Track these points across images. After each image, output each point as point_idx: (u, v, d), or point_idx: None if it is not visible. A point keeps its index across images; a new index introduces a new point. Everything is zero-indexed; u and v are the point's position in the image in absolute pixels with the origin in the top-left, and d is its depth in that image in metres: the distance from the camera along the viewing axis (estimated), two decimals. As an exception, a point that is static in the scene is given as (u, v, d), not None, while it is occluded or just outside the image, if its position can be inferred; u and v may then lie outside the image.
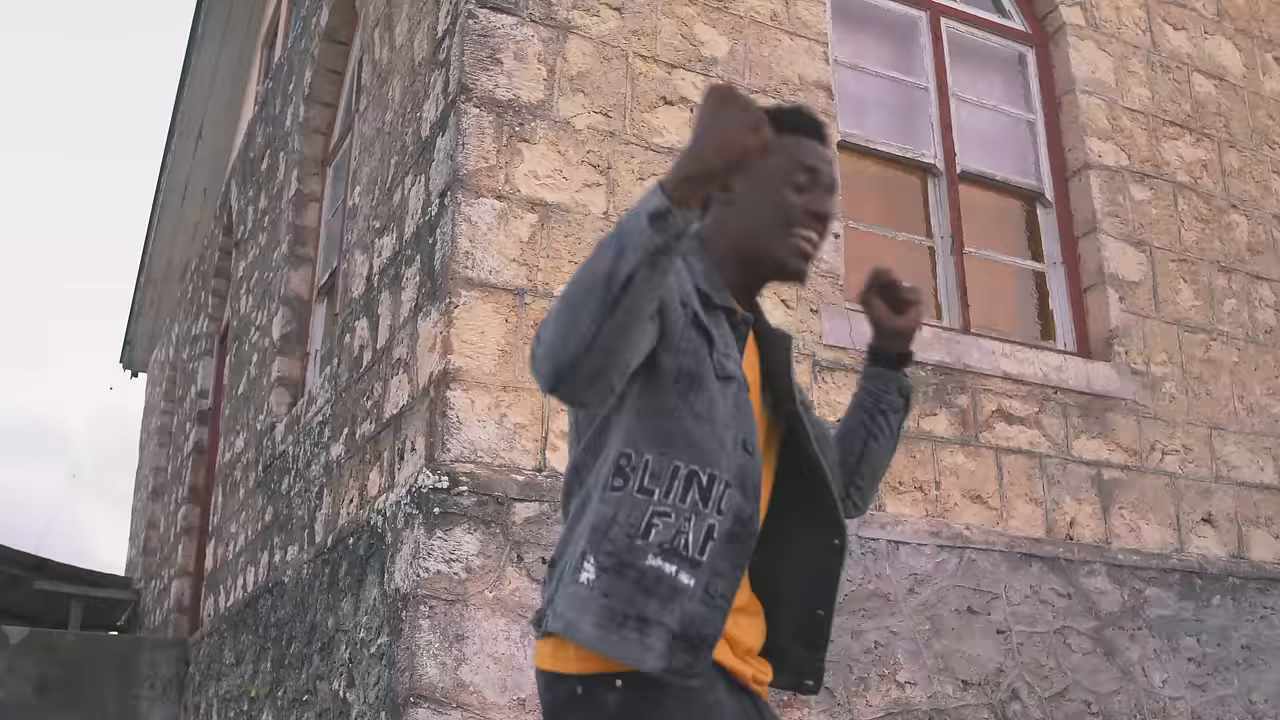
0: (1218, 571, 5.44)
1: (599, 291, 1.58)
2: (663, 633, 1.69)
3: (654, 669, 1.68)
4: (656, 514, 1.74)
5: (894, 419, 2.21)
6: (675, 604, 1.71)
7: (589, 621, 1.71)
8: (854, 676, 4.43)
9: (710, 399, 1.80)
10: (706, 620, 1.73)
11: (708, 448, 1.78)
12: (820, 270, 4.94)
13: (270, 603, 5.98)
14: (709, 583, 1.74)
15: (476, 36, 4.55)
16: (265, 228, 8.20)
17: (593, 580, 1.73)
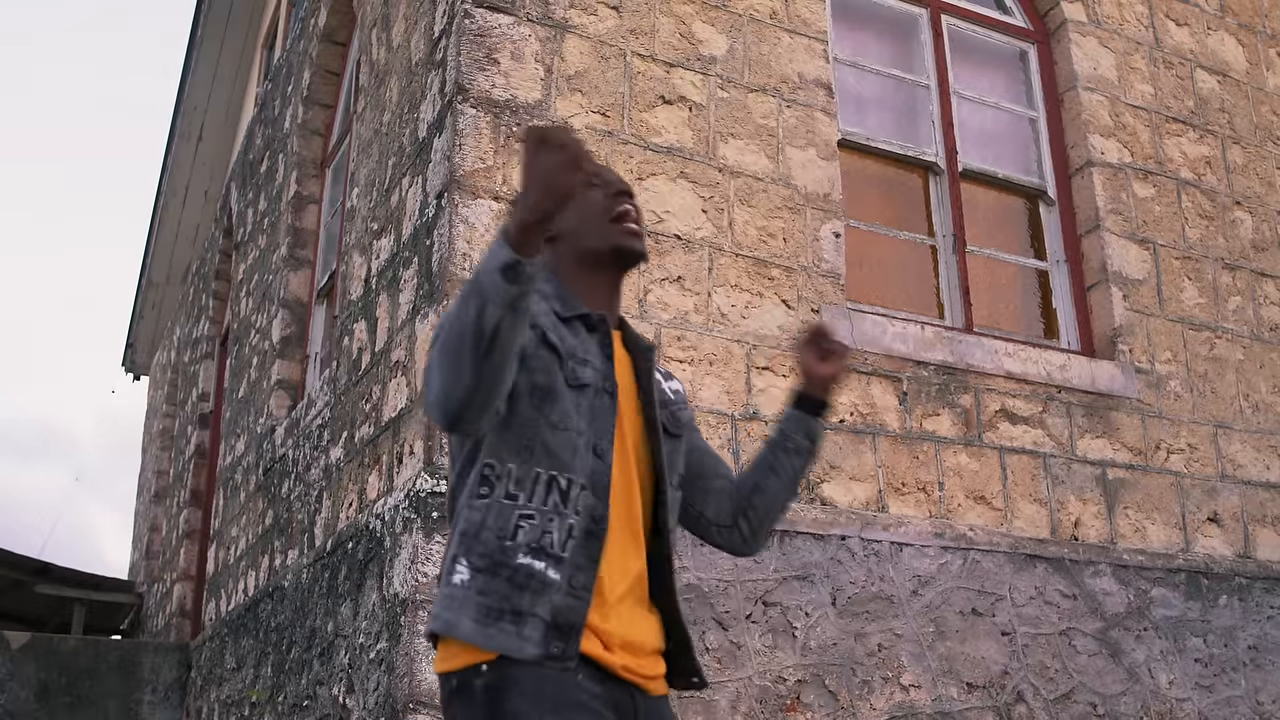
0: (1224, 571, 5.40)
1: (471, 344, 1.75)
2: (537, 623, 1.85)
3: (532, 656, 1.83)
4: (522, 516, 1.91)
5: (797, 461, 2.29)
6: (545, 597, 1.87)
7: (468, 618, 1.86)
8: (858, 680, 4.39)
9: (564, 410, 1.96)
10: (573, 609, 1.88)
11: (564, 455, 1.94)
12: (822, 270, 4.90)
13: (271, 607, 5.95)
14: (571, 576, 1.89)
15: (473, 36, 4.52)
16: (265, 230, 8.17)
17: (467, 581, 1.89)
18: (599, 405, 2.00)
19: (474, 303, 1.74)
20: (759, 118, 5.00)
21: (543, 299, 2.06)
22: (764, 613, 4.31)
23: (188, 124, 12.49)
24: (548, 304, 2.06)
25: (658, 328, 4.48)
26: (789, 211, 4.93)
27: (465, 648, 1.88)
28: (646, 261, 2.32)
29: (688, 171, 4.76)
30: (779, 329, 4.73)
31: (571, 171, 1.73)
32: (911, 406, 4.91)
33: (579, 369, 2.00)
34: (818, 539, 4.49)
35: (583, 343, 2.05)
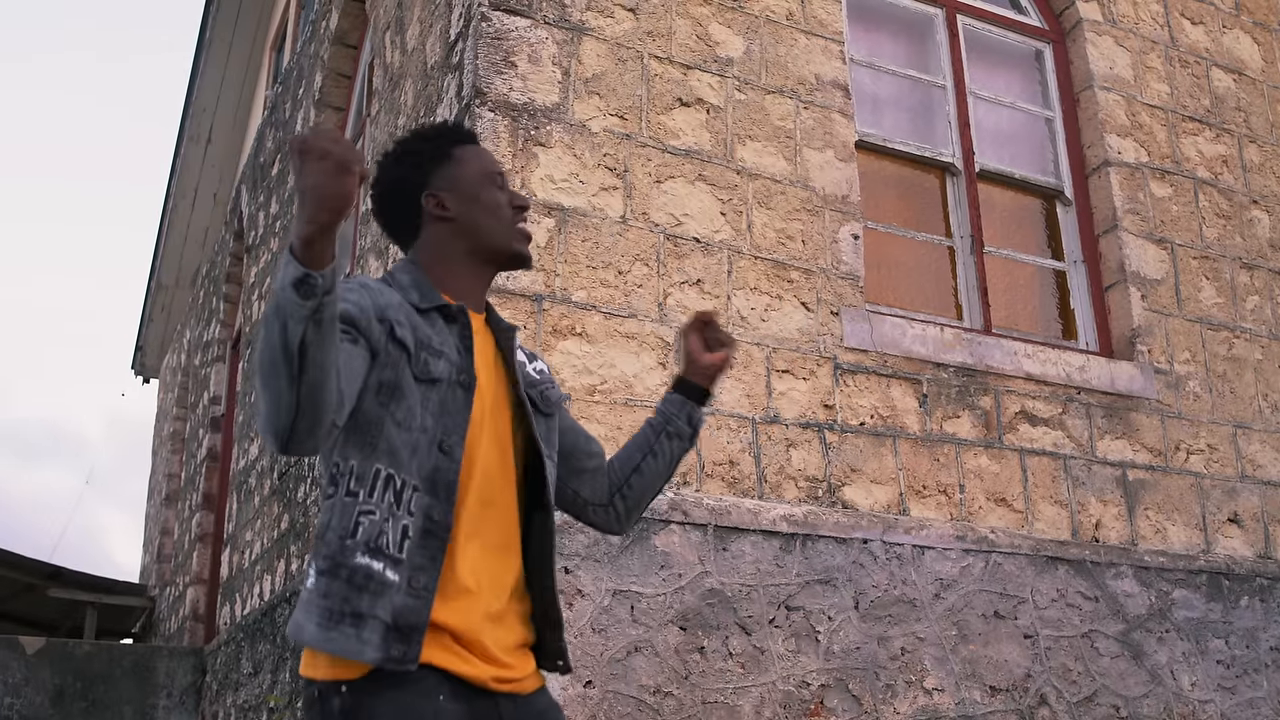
0: (1245, 572, 5.38)
1: (282, 365, 1.68)
2: (377, 625, 1.82)
3: (372, 660, 1.80)
4: (362, 513, 1.87)
5: (675, 445, 2.31)
6: (385, 598, 1.83)
7: (312, 622, 1.85)
8: (881, 684, 4.38)
9: (409, 407, 1.93)
10: (414, 610, 1.84)
11: (402, 454, 1.91)
12: (840, 272, 4.88)
13: (288, 612, 5.94)
14: (411, 577, 1.86)
15: (490, 39, 4.50)
16: (277, 233, 8.16)
17: (313, 584, 1.88)
18: (451, 400, 1.98)
19: (276, 323, 1.68)
20: (776, 119, 4.98)
21: (398, 290, 2.04)
22: (787, 617, 4.29)
23: (196, 126, 12.50)
24: (403, 295, 2.03)
25: (678, 331, 4.45)
26: (807, 213, 4.91)
27: (321, 659, 1.86)
28: (529, 268, 2.34)
29: (706, 174, 4.74)
30: (798, 332, 4.72)
31: (343, 177, 1.68)
32: (932, 409, 4.89)
33: (431, 362, 1.97)
34: (839, 542, 4.47)
35: (439, 334, 2.02)
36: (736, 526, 4.29)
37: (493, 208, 2.15)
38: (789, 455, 4.53)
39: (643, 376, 4.35)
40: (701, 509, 4.25)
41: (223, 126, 12.44)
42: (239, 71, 12.11)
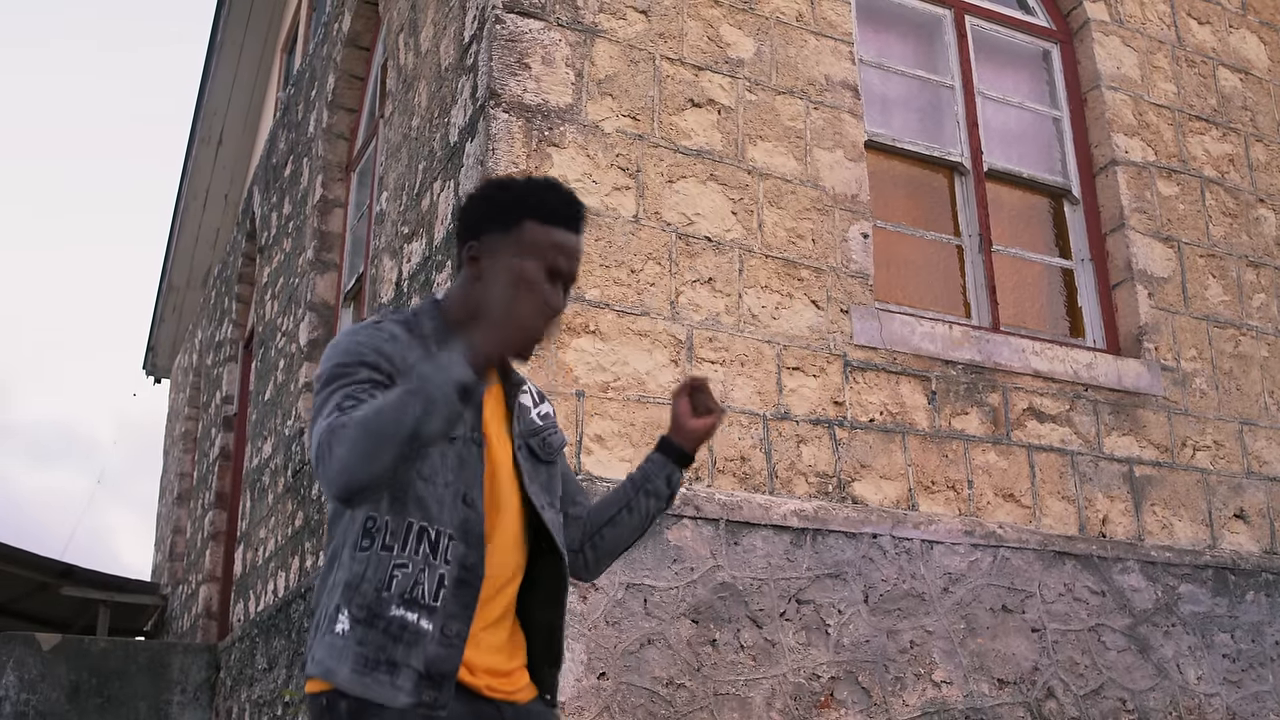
0: (1251, 567, 5.43)
1: (400, 441, 1.80)
2: (410, 674, 1.93)
3: (404, 705, 1.91)
4: (397, 566, 1.97)
5: (652, 504, 2.34)
6: (419, 648, 1.94)
7: (346, 667, 1.93)
8: (890, 676, 4.43)
9: (432, 463, 2.00)
10: (446, 659, 1.96)
11: (432, 507, 1.99)
12: (850, 270, 4.94)
13: (303, 608, 6.00)
14: (444, 624, 1.97)
15: (504, 41, 4.57)
16: (290, 233, 8.23)
17: (347, 631, 1.95)
18: (467, 455, 2.04)
19: (418, 405, 1.78)
20: (787, 120, 5.04)
21: (418, 339, 2.07)
22: (797, 610, 4.35)
23: (208, 128, 12.58)
24: (422, 346, 2.05)
25: (689, 329, 4.52)
26: (817, 213, 4.97)
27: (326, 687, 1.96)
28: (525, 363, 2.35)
29: (717, 174, 4.80)
30: (809, 329, 4.77)
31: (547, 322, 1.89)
32: (940, 405, 4.94)
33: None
34: (849, 537, 4.53)
35: None
36: (748, 521, 4.35)
37: (513, 313, 1.92)
38: (799, 451, 4.59)
39: (655, 373, 4.41)
40: (713, 504, 4.31)
41: (233, 128, 12.53)
42: (250, 74, 12.19)
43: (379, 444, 1.80)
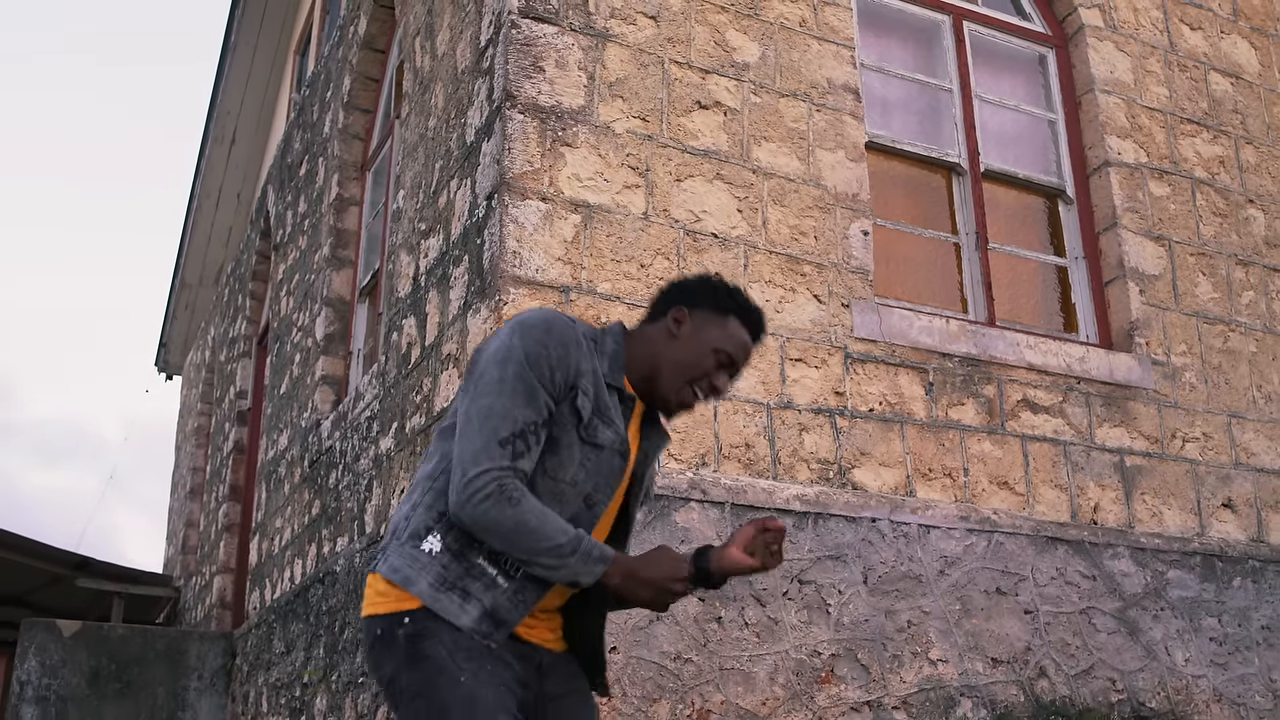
0: (1238, 555, 5.62)
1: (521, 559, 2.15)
2: (477, 605, 2.16)
3: (464, 626, 2.14)
4: None
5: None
6: (491, 592, 2.17)
7: (426, 580, 2.16)
8: (888, 654, 4.63)
9: (561, 462, 2.23)
10: (510, 610, 2.19)
11: (545, 499, 2.20)
12: (851, 266, 5.14)
13: (321, 592, 6.20)
14: (518, 591, 2.20)
15: (520, 45, 4.77)
16: (305, 231, 8.43)
17: (436, 553, 2.17)
18: (611, 464, 2.28)
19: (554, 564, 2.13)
20: (790, 121, 5.24)
21: (598, 355, 2.31)
22: (799, 590, 4.55)
23: (221, 128, 12.79)
24: (597, 362, 2.29)
25: (697, 321, 4.71)
26: (819, 211, 5.17)
27: (395, 595, 2.17)
28: (668, 419, 2.52)
29: (723, 173, 5.00)
30: (811, 323, 4.97)
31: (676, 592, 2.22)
32: (937, 396, 5.14)
33: (601, 430, 2.26)
34: (849, 521, 4.73)
35: (615, 406, 2.31)
36: (752, 505, 4.55)
37: (691, 370, 2.36)
38: (802, 439, 4.79)
39: (664, 363, 4.60)
40: (719, 488, 4.51)
41: (246, 128, 12.74)
42: (263, 75, 12.39)
43: (512, 546, 2.13)
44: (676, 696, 4.20)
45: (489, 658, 2.13)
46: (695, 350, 2.35)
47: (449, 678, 2.08)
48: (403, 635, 2.13)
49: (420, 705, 2.09)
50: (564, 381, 2.21)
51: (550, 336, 2.21)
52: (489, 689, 2.09)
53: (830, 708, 4.46)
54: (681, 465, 4.51)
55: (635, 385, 2.38)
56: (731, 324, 2.39)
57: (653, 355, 2.37)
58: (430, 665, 2.09)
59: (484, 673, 2.10)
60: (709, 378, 2.38)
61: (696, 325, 2.37)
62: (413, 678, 2.11)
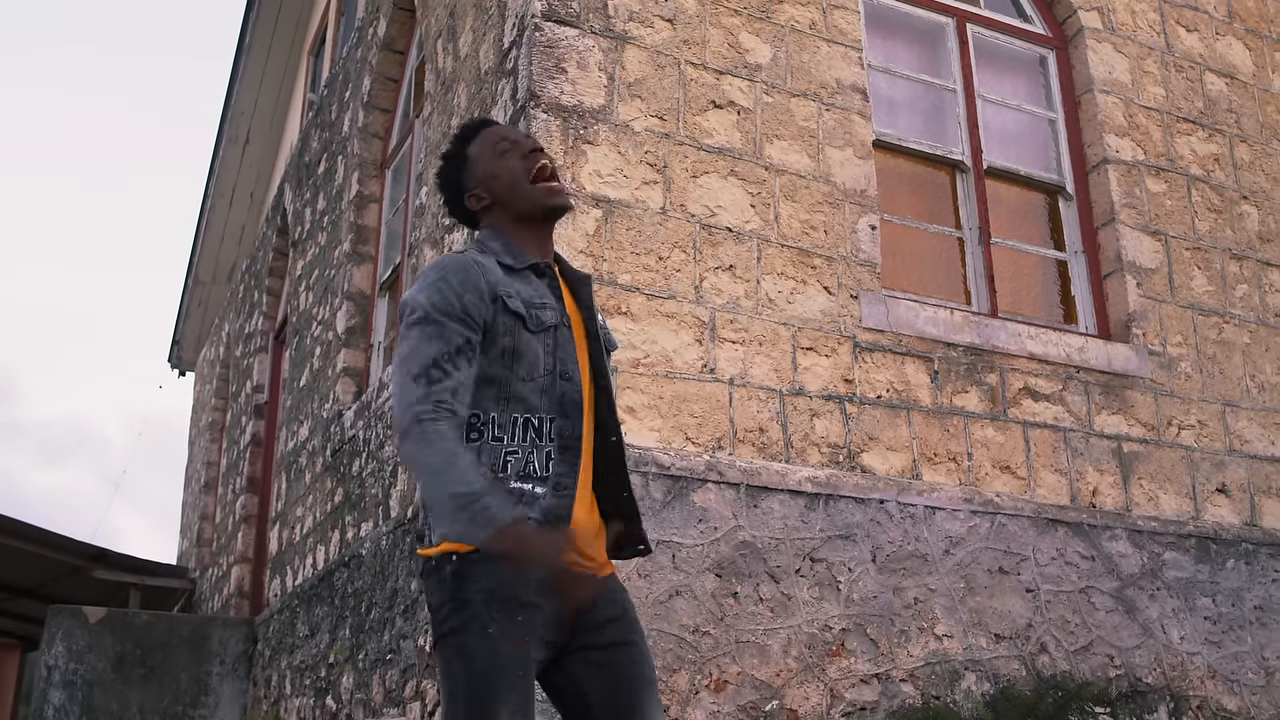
0: (1231, 538, 5.83)
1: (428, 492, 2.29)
2: (531, 525, 2.28)
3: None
4: (508, 454, 2.35)
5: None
6: (535, 505, 2.33)
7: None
8: (896, 629, 4.85)
9: (530, 361, 2.39)
10: (559, 506, 2.35)
11: (532, 398, 2.38)
12: (859, 260, 5.36)
13: (347, 575, 6.42)
14: (556, 483, 2.36)
15: (543, 48, 4.98)
16: (325, 228, 8.65)
17: None
18: (562, 338, 2.44)
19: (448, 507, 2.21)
20: (801, 120, 5.45)
21: (493, 255, 2.47)
22: (811, 568, 4.77)
23: (235, 128, 13.01)
24: (497, 258, 2.46)
25: (712, 312, 4.94)
26: (829, 206, 5.38)
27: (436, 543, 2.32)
28: (572, 211, 2.73)
29: (737, 170, 5.21)
30: (821, 313, 5.19)
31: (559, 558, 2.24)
32: (942, 384, 5.35)
33: (540, 314, 2.42)
34: (859, 502, 4.94)
35: (536, 289, 2.46)
36: (766, 486, 4.76)
37: (509, 179, 2.54)
38: (813, 424, 5.01)
39: (681, 352, 4.83)
40: (734, 470, 4.72)
41: (260, 128, 12.96)
42: (277, 75, 12.62)
43: (424, 486, 2.29)
44: (695, 668, 4.42)
45: (521, 607, 2.28)
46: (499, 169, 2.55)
47: (479, 624, 2.26)
48: (449, 572, 2.30)
49: (451, 640, 2.29)
50: (479, 299, 2.36)
51: (443, 274, 2.40)
52: (512, 642, 2.27)
53: (841, 679, 4.68)
54: (698, 448, 4.73)
55: (533, 250, 2.54)
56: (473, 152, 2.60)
57: (505, 219, 2.55)
58: (466, 610, 2.27)
59: (512, 625, 2.27)
60: (527, 164, 2.55)
61: (478, 183, 2.57)
62: (450, 614, 2.29)
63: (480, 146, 2.60)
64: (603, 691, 2.39)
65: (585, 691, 2.40)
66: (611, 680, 2.40)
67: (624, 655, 2.43)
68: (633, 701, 2.40)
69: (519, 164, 2.55)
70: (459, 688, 2.26)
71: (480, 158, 2.58)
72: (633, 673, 2.42)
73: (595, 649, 2.40)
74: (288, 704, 7.45)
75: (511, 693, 2.24)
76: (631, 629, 2.46)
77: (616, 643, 2.43)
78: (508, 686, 2.24)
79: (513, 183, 2.54)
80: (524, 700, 2.27)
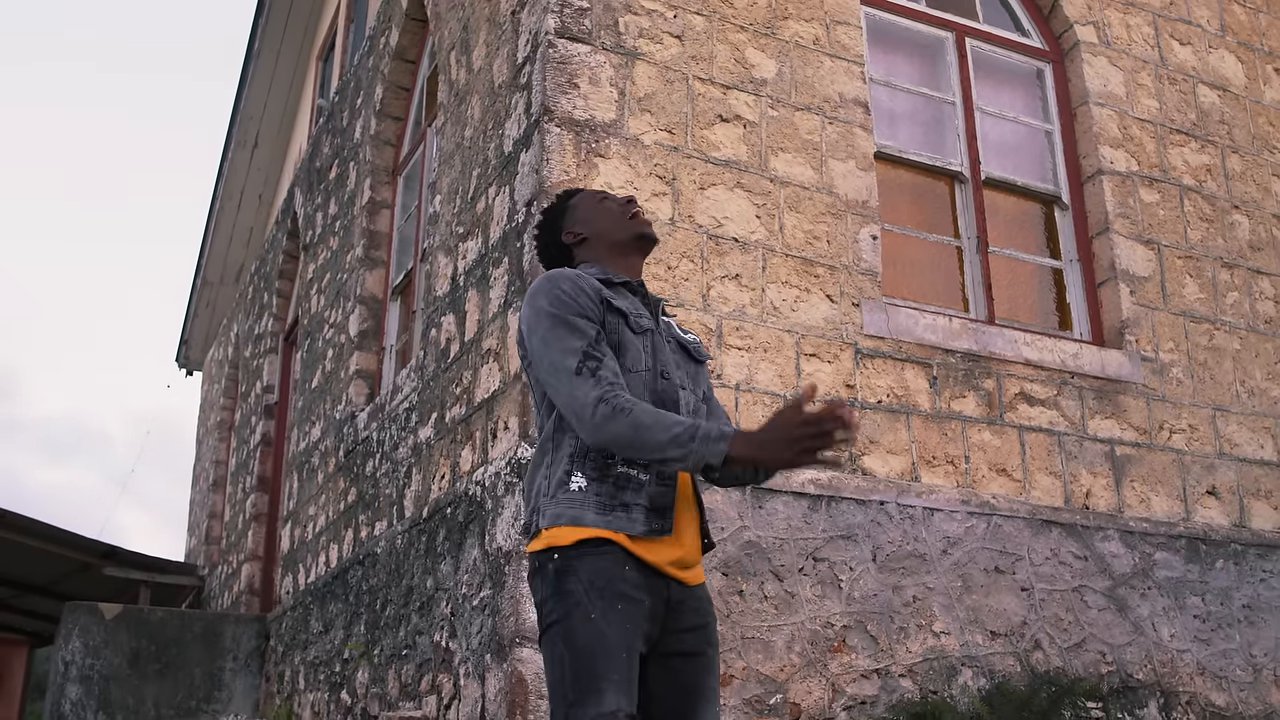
0: (1221, 539, 6.01)
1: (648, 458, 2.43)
2: (640, 510, 2.49)
3: (640, 533, 2.47)
4: None
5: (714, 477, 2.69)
6: (642, 491, 2.50)
7: (591, 512, 2.48)
8: (895, 626, 5.03)
9: (634, 355, 2.59)
10: (664, 495, 2.53)
11: (637, 388, 2.55)
12: (861, 268, 5.53)
13: (361, 573, 6.60)
14: (659, 471, 2.52)
15: (556, 64, 5.16)
16: (336, 232, 8.82)
17: (584, 487, 2.50)
18: (658, 342, 2.67)
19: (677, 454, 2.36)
20: (805, 133, 5.63)
21: (592, 278, 2.69)
22: (814, 567, 4.95)
23: (244, 132, 13.18)
24: (597, 280, 2.66)
25: (719, 319, 5.12)
26: (832, 217, 5.56)
27: (547, 537, 2.48)
28: (658, 243, 2.98)
29: (743, 182, 5.39)
30: (824, 320, 5.37)
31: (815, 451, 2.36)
32: (940, 389, 5.54)
33: (639, 319, 2.65)
34: (860, 503, 5.12)
35: (631, 303, 2.68)
36: (770, 488, 4.94)
37: (606, 215, 2.85)
38: (816, 428, 5.18)
39: (689, 358, 5.00)
40: (741, 472, 4.90)
41: (269, 132, 13.13)
42: (285, 80, 12.79)
43: (635, 448, 2.41)
44: (702, 662, 4.60)
45: (620, 598, 2.43)
46: (598, 211, 2.84)
47: (583, 612, 2.40)
48: (552, 569, 2.46)
49: (557, 630, 2.44)
50: (592, 301, 2.57)
51: (553, 284, 2.60)
52: (615, 627, 2.41)
53: (842, 675, 4.87)
54: (706, 451, 4.90)
55: (621, 269, 2.79)
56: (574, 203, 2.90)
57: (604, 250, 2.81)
58: (570, 599, 2.42)
59: (613, 612, 2.42)
60: (623, 206, 2.85)
61: (582, 213, 2.86)
62: (554, 606, 2.44)
63: (581, 199, 2.91)
64: (667, 696, 2.54)
65: (653, 694, 2.54)
66: (678, 687, 2.55)
67: (694, 665, 2.57)
68: (690, 712, 2.55)
69: (616, 206, 2.86)
70: (565, 670, 2.39)
71: (581, 205, 2.88)
72: (699, 684, 2.56)
73: (672, 654, 2.55)
74: (301, 699, 7.63)
75: (615, 672, 2.37)
76: (708, 641, 2.60)
77: (691, 652, 2.57)
78: (613, 666, 2.38)
79: (610, 218, 2.83)
80: (628, 682, 2.39)
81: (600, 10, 5.32)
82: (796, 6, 5.85)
